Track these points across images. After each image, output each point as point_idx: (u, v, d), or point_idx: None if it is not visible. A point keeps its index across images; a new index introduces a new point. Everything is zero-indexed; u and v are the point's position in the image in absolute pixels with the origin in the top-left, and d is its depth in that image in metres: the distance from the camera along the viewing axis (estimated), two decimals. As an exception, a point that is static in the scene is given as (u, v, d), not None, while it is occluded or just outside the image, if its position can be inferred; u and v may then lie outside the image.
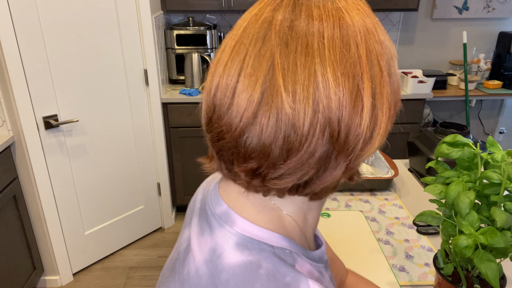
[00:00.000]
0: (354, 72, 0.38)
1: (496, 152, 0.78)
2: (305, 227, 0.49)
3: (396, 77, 0.41)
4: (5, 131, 1.89)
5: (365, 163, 1.60)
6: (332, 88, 0.38)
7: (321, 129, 0.38)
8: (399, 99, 0.46)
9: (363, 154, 0.41)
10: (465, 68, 2.74)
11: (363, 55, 0.39)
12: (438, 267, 0.87)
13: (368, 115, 0.40)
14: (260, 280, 0.41)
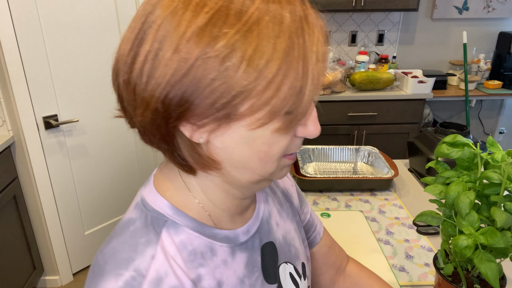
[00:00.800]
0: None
1: (496, 152, 0.78)
2: (211, 205, 0.51)
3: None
4: (5, 131, 1.89)
5: (364, 163, 1.61)
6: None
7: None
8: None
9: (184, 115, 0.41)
10: (465, 68, 2.74)
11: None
12: (438, 267, 0.87)
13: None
14: (124, 235, 0.46)
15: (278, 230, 0.61)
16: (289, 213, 0.67)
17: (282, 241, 0.61)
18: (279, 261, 0.59)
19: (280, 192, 0.68)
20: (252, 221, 0.57)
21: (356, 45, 3.07)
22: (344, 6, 2.60)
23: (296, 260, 0.63)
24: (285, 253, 0.61)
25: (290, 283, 0.60)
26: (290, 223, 0.66)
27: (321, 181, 1.40)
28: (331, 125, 2.65)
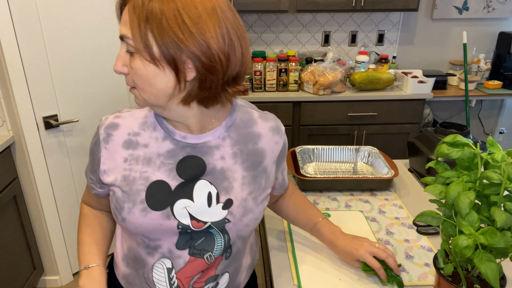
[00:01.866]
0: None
1: (496, 152, 0.78)
2: (166, 115, 0.72)
3: None
4: (5, 131, 1.89)
5: (364, 163, 1.61)
6: None
7: None
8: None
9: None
10: (465, 68, 2.74)
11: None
12: (438, 267, 0.87)
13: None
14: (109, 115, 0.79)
15: (219, 161, 0.76)
16: (248, 164, 0.78)
17: (217, 169, 0.76)
18: (203, 176, 0.75)
19: (254, 148, 0.79)
20: (193, 137, 0.75)
21: (356, 45, 3.07)
22: (344, 6, 2.60)
23: (223, 191, 0.75)
24: (215, 179, 0.75)
25: (204, 197, 0.75)
26: (242, 170, 0.77)
27: (321, 181, 1.40)
28: (331, 125, 2.65)
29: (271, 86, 2.62)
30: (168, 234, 0.75)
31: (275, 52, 3.05)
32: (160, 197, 0.73)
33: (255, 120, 0.81)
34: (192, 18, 0.61)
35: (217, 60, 0.63)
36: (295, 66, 2.59)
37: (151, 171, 0.74)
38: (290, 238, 1.17)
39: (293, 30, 2.98)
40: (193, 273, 0.78)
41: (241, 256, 0.85)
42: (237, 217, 0.76)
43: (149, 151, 0.74)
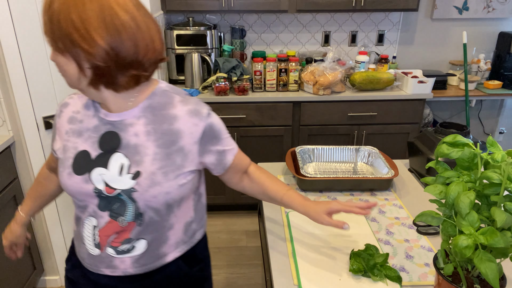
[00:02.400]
0: None
1: (496, 152, 0.78)
2: (88, 97, 0.88)
3: None
4: (5, 131, 1.89)
5: (364, 163, 1.61)
6: None
7: None
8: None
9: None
10: (465, 68, 2.74)
11: None
12: (438, 267, 0.87)
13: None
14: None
15: (134, 138, 0.87)
16: (161, 142, 0.87)
17: (131, 144, 0.87)
18: (118, 149, 0.87)
19: (169, 128, 0.88)
20: (113, 115, 0.88)
21: (356, 45, 3.07)
22: (344, 6, 2.60)
23: (134, 163, 0.86)
24: (128, 153, 0.86)
25: (117, 167, 0.86)
26: (154, 146, 0.87)
27: (321, 181, 1.40)
28: (331, 125, 2.65)
29: (271, 86, 2.62)
30: (88, 196, 0.88)
31: (275, 52, 3.05)
32: (82, 164, 0.88)
33: (174, 103, 0.89)
34: (81, 18, 0.74)
35: (102, 53, 0.76)
36: (295, 66, 2.59)
37: (80, 142, 0.90)
38: (290, 238, 1.17)
39: (293, 30, 2.98)
40: (110, 233, 0.90)
41: (161, 228, 0.92)
42: (144, 187, 0.85)
43: (82, 126, 0.91)
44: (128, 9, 0.78)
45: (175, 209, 0.92)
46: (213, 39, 2.67)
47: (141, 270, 0.93)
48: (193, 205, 0.98)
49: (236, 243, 2.60)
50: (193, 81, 2.63)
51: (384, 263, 1.01)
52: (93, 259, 0.93)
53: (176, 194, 0.89)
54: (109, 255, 0.91)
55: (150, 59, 0.82)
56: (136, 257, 0.92)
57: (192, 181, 0.93)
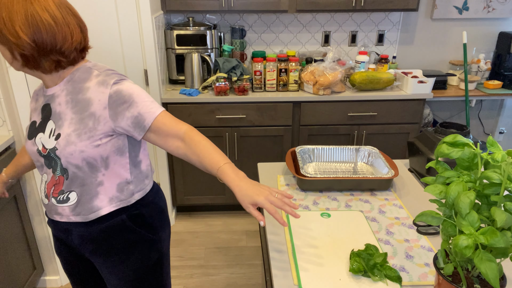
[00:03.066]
0: None
1: (496, 152, 0.78)
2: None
3: None
4: (5, 131, 1.89)
5: (364, 163, 1.61)
6: None
7: None
8: None
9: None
10: (465, 68, 2.74)
11: None
12: (438, 267, 0.87)
13: None
14: None
15: (58, 106, 1.07)
16: (76, 109, 1.05)
17: (57, 112, 1.07)
18: (51, 117, 1.08)
19: (82, 97, 1.06)
20: (48, 90, 1.10)
21: (356, 45, 3.07)
22: (344, 6, 2.60)
23: (57, 127, 1.06)
24: (55, 119, 1.07)
25: (48, 131, 1.07)
26: (72, 113, 1.05)
27: (321, 181, 1.40)
28: (331, 125, 2.65)
29: (271, 86, 2.62)
30: (36, 156, 1.10)
31: (275, 52, 3.05)
32: (31, 131, 1.12)
33: (90, 78, 1.07)
34: (9, 16, 0.94)
35: (26, 44, 0.96)
36: (295, 66, 2.59)
37: (34, 116, 1.13)
38: (290, 238, 1.17)
39: (293, 30, 2.98)
40: (51, 186, 1.11)
41: (89, 183, 1.09)
42: (62, 146, 1.04)
43: (37, 103, 1.14)
44: (49, 9, 0.97)
45: (102, 168, 1.09)
46: (213, 39, 2.67)
47: (81, 218, 1.12)
48: (129, 168, 1.13)
49: (236, 243, 2.60)
50: (193, 81, 2.63)
51: (383, 262, 1.01)
52: (46, 207, 1.16)
53: (93, 153, 1.05)
54: (53, 204, 1.13)
55: (68, 48, 1.02)
56: (72, 206, 1.11)
57: (110, 144, 1.07)
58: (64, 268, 1.30)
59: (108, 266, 1.18)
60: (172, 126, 1.07)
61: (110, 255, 1.16)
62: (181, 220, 2.85)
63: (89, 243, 1.15)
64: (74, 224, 1.14)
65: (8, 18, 0.94)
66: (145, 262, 1.20)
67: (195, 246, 2.57)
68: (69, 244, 1.20)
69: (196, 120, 2.55)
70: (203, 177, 2.74)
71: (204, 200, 2.81)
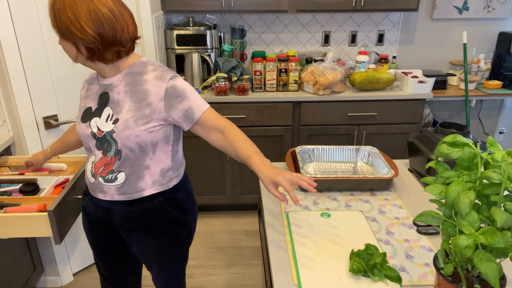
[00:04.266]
0: None
1: (496, 152, 0.78)
2: (91, 68, 1.23)
3: None
4: (5, 131, 1.89)
5: (364, 163, 1.61)
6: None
7: None
8: None
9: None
10: (465, 68, 2.74)
11: None
12: (438, 267, 0.87)
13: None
14: None
15: (117, 95, 1.19)
16: (135, 98, 1.17)
17: (115, 100, 1.18)
18: (108, 104, 1.19)
19: (140, 88, 1.17)
20: (105, 80, 1.21)
21: (356, 45, 3.07)
22: (344, 6, 2.60)
23: (115, 113, 1.17)
24: (113, 106, 1.18)
25: (105, 116, 1.19)
26: (131, 102, 1.17)
27: (321, 181, 1.40)
28: (331, 125, 2.65)
29: (271, 86, 2.62)
30: (88, 138, 1.21)
31: (275, 52, 3.05)
32: (86, 115, 1.22)
33: (147, 71, 1.19)
34: (74, 14, 1.05)
35: (92, 38, 1.07)
36: (295, 66, 2.59)
37: (88, 102, 1.24)
38: (290, 238, 1.17)
39: (293, 30, 2.98)
40: (100, 166, 1.22)
41: (137, 165, 1.21)
42: (119, 130, 1.15)
43: (91, 91, 1.26)
44: (106, 4, 1.09)
45: (150, 153, 1.21)
46: (213, 39, 2.67)
47: (124, 197, 1.23)
48: (171, 155, 1.26)
49: (236, 243, 2.60)
50: (193, 81, 2.63)
51: (383, 263, 1.01)
52: (91, 185, 1.26)
53: (146, 138, 1.17)
54: (99, 182, 1.23)
55: (126, 39, 1.14)
56: (118, 186, 1.22)
57: (161, 131, 1.20)
58: (93, 244, 1.40)
59: (143, 242, 1.30)
60: (216, 120, 1.21)
61: (147, 232, 1.28)
62: (181, 220, 2.85)
63: (129, 221, 1.27)
64: (117, 203, 1.25)
65: (74, 16, 1.05)
66: (176, 239, 1.33)
67: (195, 246, 2.57)
68: (108, 222, 1.31)
69: (196, 120, 2.55)
70: (203, 177, 2.74)
71: (204, 200, 2.81)
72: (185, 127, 1.21)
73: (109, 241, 1.37)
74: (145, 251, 1.33)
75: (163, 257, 1.35)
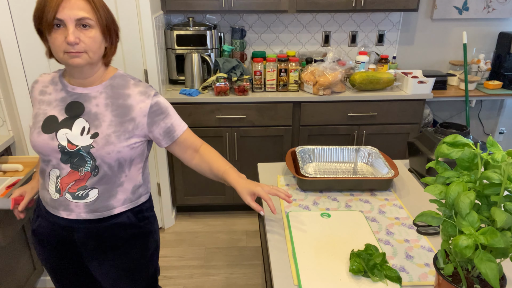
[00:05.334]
0: None
1: (496, 152, 0.78)
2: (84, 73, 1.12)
3: None
4: (5, 131, 1.89)
5: (364, 163, 1.61)
6: None
7: None
8: None
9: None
10: (465, 68, 2.74)
11: None
12: (438, 267, 0.87)
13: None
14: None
15: (94, 107, 1.12)
16: (117, 113, 1.12)
17: (92, 112, 1.12)
18: (81, 116, 1.11)
19: (123, 103, 1.13)
20: (80, 89, 1.14)
21: (356, 45, 3.07)
22: (344, 6, 2.60)
23: (93, 127, 1.10)
24: (89, 118, 1.11)
25: (79, 129, 1.10)
26: (112, 116, 1.12)
27: (321, 181, 1.41)
28: (331, 125, 2.65)
29: (271, 86, 2.62)
30: (53, 151, 1.10)
31: (275, 52, 3.05)
32: (50, 125, 1.11)
33: (129, 85, 1.16)
34: (105, 8, 1.08)
35: (118, 32, 1.13)
36: (295, 66, 2.59)
37: (49, 109, 1.13)
38: (290, 238, 1.17)
39: (293, 30, 2.98)
40: (69, 181, 1.13)
41: (112, 182, 1.15)
42: (100, 145, 1.09)
43: (51, 97, 1.15)
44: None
45: (126, 169, 1.16)
46: (213, 39, 2.67)
47: (92, 216, 1.16)
48: (141, 172, 1.22)
49: (236, 243, 2.60)
50: (193, 81, 2.63)
51: (383, 263, 1.01)
52: (54, 202, 1.15)
53: (127, 154, 1.13)
54: (66, 199, 1.14)
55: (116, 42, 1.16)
56: (88, 203, 1.14)
57: (140, 148, 1.17)
58: (51, 271, 1.28)
59: (110, 260, 1.22)
60: (193, 140, 1.24)
61: (113, 249, 1.21)
62: (181, 220, 2.85)
63: (94, 238, 1.19)
64: (82, 221, 1.16)
65: (107, 10, 1.08)
66: (144, 252, 1.27)
67: (195, 246, 2.57)
68: (67, 242, 1.20)
69: (196, 120, 2.55)
70: (203, 177, 2.74)
71: (204, 200, 2.81)
72: (163, 144, 1.20)
73: (68, 267, 1.26)
74: (112, 273, 1.24)
75: (134, 277, 1.27)
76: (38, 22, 1.05)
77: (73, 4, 1.01)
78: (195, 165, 1.26)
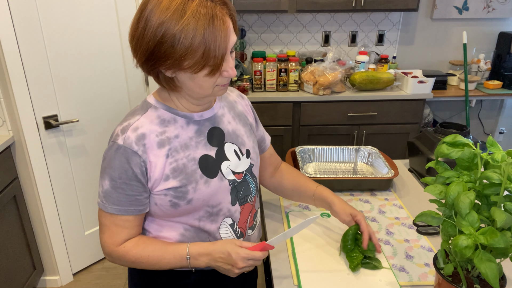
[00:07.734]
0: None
1: (496, 152, 0.78)
2: (179, 103, 0.91)
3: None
4: (5, 131, 1.89)
5: (364, 163, 1.61)
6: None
7: None
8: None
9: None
10: (465, 68, 2.74)
11: None
12: (438, 267, 0.87)
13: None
14: (128, 112, 0.92)
15: (229, 125, 0.98)
16: (242, 123, 1.02)
17: (231, 131, 0.97)
18: (225, 140, 0.96)
19: (238, 110, 1.03)
20: (206, 113, 0.94)
21: (356, 45, 3.07)
22: (344, 6, 2.60)
23: (241, 146, 0.98)
24: (232, 138, 0.97)
25: (234, 154, 0.96)
26: (242, 127, 1.01)
27: (321, 181, 1.40)
28: (331, 125, 2.65)
29: (271, 86, 2.62)
30: (224, 193, 0.93)
31: (275, 52, 3.05)
32: (210, 167, 0.91)
33: (227, 92, 1.06)
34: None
35: None
36: (295, 66, 2.59)
37: (192, 152, 0.90)
38: (290, 238, 1.17)
39: (293, 30, 2.98)
40: (246, 217, 0.99)
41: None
42: (255, 160, 1.01)
43: (181, 139, 0.89)
44: None
45: None
46: (213, 39, 2.66)
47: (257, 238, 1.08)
48: None
49: (236, 243, 2.60)
50: (193, 81, 2.63)
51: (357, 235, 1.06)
52: None
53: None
54: (248, 236, 1.02)
55: None
56: (258, 227, 1.07)
57: None
58: None
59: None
60: (276, 155, 1.20)
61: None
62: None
63: None
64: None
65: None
66: None
67: (195, 246, 2.57)
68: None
69: (196, 120, 2.55)
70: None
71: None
72: (260, 151, 1.12)
73: None
74: None
75: None
76: (207, 57, 0.77)
77: (227, 22, 0.79)
78: (272, 183, 1.18)
